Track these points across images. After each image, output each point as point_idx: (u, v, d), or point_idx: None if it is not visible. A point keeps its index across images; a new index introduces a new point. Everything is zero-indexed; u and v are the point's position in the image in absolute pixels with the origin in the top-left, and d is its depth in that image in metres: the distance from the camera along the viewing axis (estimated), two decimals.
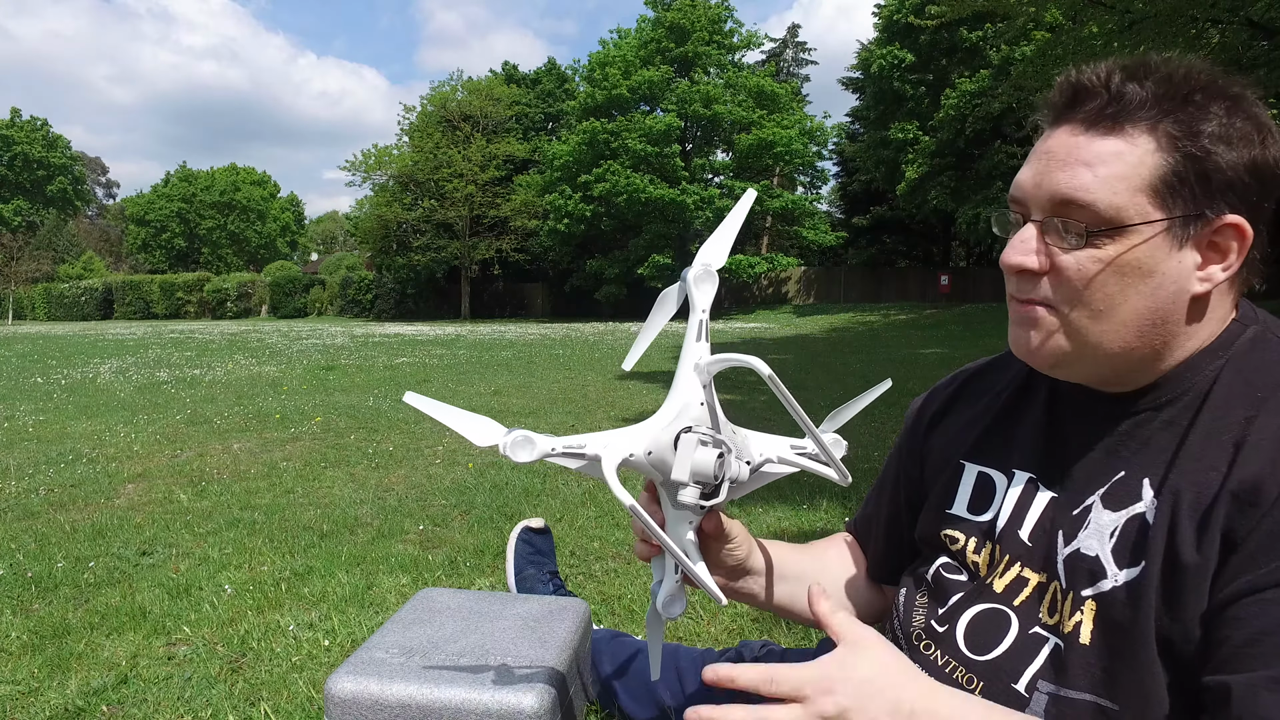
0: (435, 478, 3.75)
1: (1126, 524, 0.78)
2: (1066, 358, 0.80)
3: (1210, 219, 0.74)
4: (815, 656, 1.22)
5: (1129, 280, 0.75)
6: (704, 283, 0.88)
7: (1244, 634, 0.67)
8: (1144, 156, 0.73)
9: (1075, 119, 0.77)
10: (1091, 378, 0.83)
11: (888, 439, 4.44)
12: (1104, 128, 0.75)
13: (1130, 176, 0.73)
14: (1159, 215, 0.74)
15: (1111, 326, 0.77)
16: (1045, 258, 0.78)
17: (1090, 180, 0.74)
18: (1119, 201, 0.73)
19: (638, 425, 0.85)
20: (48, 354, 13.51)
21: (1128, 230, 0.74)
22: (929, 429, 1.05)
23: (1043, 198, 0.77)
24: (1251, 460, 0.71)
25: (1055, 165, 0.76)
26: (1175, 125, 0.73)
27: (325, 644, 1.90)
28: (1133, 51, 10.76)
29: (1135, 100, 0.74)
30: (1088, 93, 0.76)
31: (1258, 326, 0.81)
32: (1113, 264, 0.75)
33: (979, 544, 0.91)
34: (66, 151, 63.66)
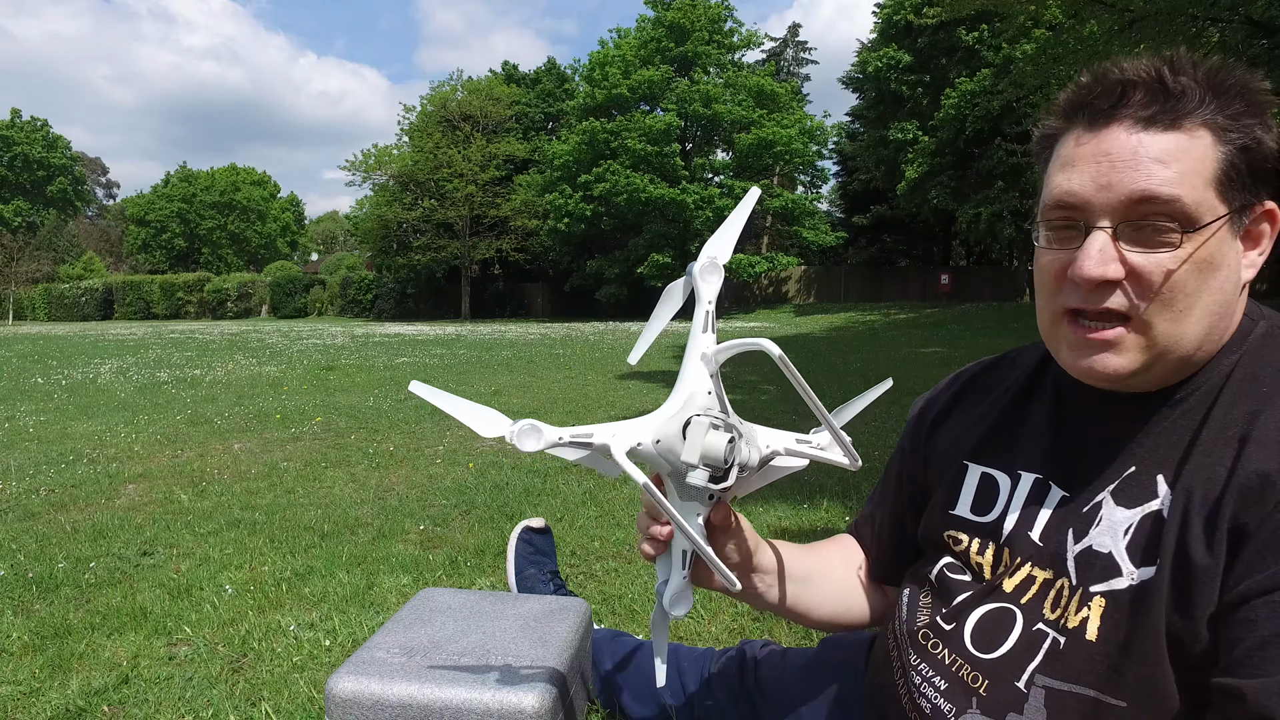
0: (436, 478, 3.76)
1: (1142, 521, 0.77)
2: (1143, 368, 0.77)
3: (1255, 207, 0.76)
4: (816, 656, 1.23)
5: (1204, 276, 0.74)
6: (710, 275, 0.89)
7: (1256, 636, 0.67)
8: (1206, 150, 0.74)
9: (1126, 118, 0.75)
10: (1149, 384, 0.80)
11: (889, 439, 4.44)
12: (1163, 124, 0.74)
13: (1200, 171, 0.73)
14: (1223, 209, 0.74)
15: (1189, 326, 0.76)
16: (1121, 265, 0.74)
17: (1170, 176, 0.72)
18: (1198, 196, 0.73)
19: (645, 416, 0.85)
20: (48, 354, 13.51)
21: (1203, 226, 0.73)
22: (931, 430, 1.05)
23: (1114, 200, 0.74)
24: (1257, 456, 0.71)
25: (1122, 166, 0.74)
26: (1226, 117, 0.74)
27: (326, 644, 1.90)
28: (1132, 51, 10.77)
29: (1191, 94, 0.74)
30: (1139, 89, 0.75)
31: (1266, 322, 0.81)
32: (1189, 261, 0.73)
33: (982, 545, 0.91)
34: (66, 152, 63.65)
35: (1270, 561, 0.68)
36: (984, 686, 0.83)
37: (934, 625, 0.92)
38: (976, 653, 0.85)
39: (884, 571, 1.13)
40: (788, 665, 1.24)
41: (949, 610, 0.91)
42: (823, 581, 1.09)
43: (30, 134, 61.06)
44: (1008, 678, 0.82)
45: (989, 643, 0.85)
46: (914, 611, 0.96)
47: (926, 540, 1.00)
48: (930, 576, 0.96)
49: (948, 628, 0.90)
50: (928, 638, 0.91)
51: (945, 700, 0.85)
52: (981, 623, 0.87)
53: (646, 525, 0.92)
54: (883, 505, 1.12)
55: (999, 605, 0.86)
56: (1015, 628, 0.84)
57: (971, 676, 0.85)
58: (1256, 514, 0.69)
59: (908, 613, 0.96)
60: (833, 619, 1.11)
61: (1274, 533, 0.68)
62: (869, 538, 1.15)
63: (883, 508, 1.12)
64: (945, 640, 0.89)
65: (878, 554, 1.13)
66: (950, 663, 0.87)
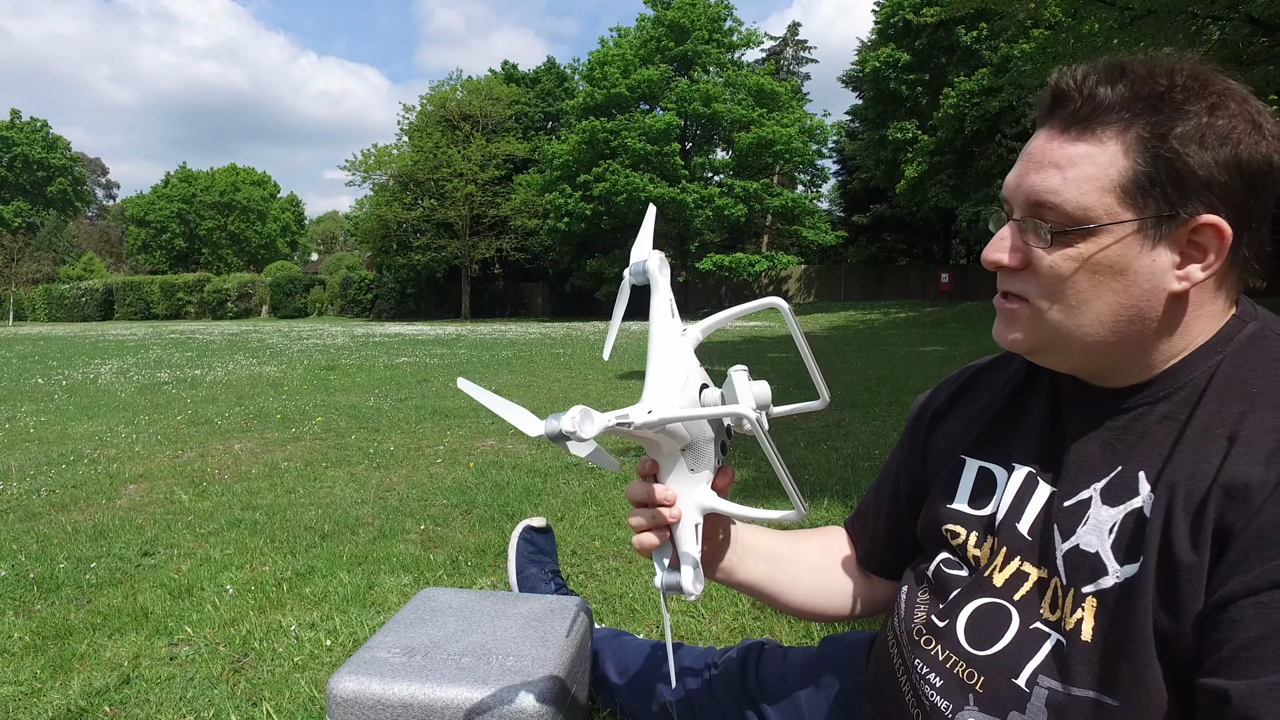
0: (436, 477, 3.76)
1: (1125, 519, 0.78)
2: (1042, 346, 0.84)
3: (1185, 219, 0.75)
4: (818, 655, 1.23)
5: (1100, 278, 0.77)
6: (664, 268, 0.96)
7: (1241, 637, 0.67)
8: (1113, 158, 0.75)
9: (1054, 122, 0.80)
10: (1076, 368, 0.86)
11: (889, 437, 4.44)
12: (1076, 131, 0.78)
13: (1099, 178, 0.76)
14: (1129, 216, 0.75)
15: (1085, 321, 0.79)
16: (1022, 255, 0.81)
17: (1059, 182, 0.77)
18: (1086, 202, 0.76)
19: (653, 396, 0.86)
20: (48, 355, 13.51)
21: (1098, 230, 0.76)
22: (931, 426, 1.06)
23: (1020, 198, 0.81)
24: (1243, 456, 0.72)
25: (1032, 167, 0.80)
26: (1146, 127, 0.75)
27: (327, 644, 1.90)
28: (1133, 48, 10.77)
29: (1106, 103, 0.76)
30: (1064, 96, 0.79)
31: (1256, 323, 0.81)
32: (1085, 263, 0.78)
33: (980, 538, 0.92)
34: (66, 152, 63.68)
35: (1255, 562, 0.68)
36: (980, 683, 0.83)
37: (929, 623, 0.92)
38: (971, 649, 0.86)
39: (874, 562, 1.14)
40: (789, 664, 1.24)
41: (944, 606, 0.91)
42: (794, 564, 1.10)
43: (30, 134, 61.08)
44: (1005, 675, 0.82)
45: (983, 639, 0.85)
46: (911, 609, 0.96)
47: (925, 535, 1.01)
48: (928, 573, 0.96)
49: (942, 625, 0.90)
50: (922, 634, 0.92)
51: (942, 698, 0.86)
52: (974, 618, 0.87)
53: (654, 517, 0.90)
54: (879, 498, 1.14)
55: (991, 600, 0.87)
56: (1011, 625, 0.84)
57: (967, 673, 0.85)
58: (1242, 514, 0.69)
59: (905, 610, 0.97)
60: (808, 604, 1.11)
61: (1259, 533, 0.68)
62: (862, 528, 1.16)
63: (879, 501, 1.13)
64: (940, 637, 0.90)
65: (872, 546, 1.14)
66: (945, 660, 0.88)
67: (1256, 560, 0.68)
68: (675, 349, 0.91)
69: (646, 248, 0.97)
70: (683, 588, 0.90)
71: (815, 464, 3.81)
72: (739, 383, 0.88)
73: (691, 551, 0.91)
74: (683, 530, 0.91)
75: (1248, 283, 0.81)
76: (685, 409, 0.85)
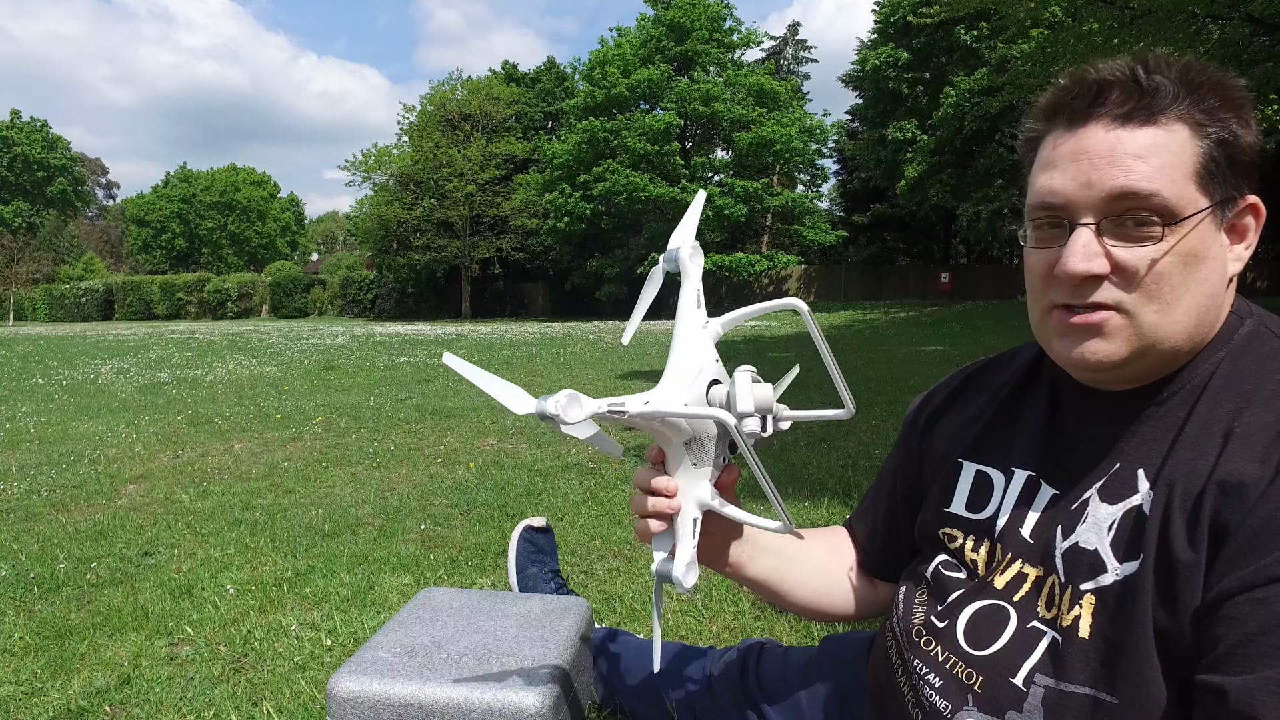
0: (437, 477, 3.76)
1: (1124, 516, 0.78)
2: (1134, 356, 0.78)
3: (1238, 200, 0.77)
4: (818, 655, 1.23)
5: (1189, 268, 0.75)
6: (697, 257, 0.94)
7: (1238, 634, 0.67)
8: (1184, 144, 0.75)
9: (1104, 116, 0.76)
10: (1137, 377, 0.82)
11: (889, 437, 4.44)
12: (1139, 120, 0.75)
13: (1179, 165, 0.75)
14: (1205, 201, 0.75)
15: (1177, 318, 0.77)
16: (1106, 259, 0.76)
17: (1148, 171, 0.74)
18: (1178, 190, 0.74)
19: (660, 387, 0.87)
20: (49, 355, 13.51)
21: (1186, 219, 0.75)
22: (927, 428, 1.06)
23: (1096, 197, 0.75)
24: (1238, 453, 0.72)
25: (1101, 163, 0.75)
26: (1201, 112, 0.75)
27: (327, 644, 1.91)
28: (1133, 48, 10.77)
29: (1165, 91, 0.75)
30: (1115, 88, 0.76)
31: (1253, 320, 0.82)
32: (1173, 253, 0.75)
33: (977, 542, 0.92)
34: (66, 152, 63.67)
35: (1252, 558, 0.68)
36: (979, 683, 0.83)
37: (928, 623, 0.92)
38: (970, 650, 0.86)
39: (875, 565, 1.14)
40: (789, 664, 1.25)
41: (943, 608, 0.91)
42: (803, 562, 1.10)
43: (30, 135, 61.08)
44: (1003, 675, 0.82)
45: (982, 640, 0.85)
46: (910, 609, 0.96)
47: (922, 538, 1.01)
48: (926, 574, 0.96)
49: (941, 625, 0.90)
50: (921, 635, 0.92)
51: (941, 698, 0.86)
52: (974, 619, 0.87)
53: (654, 505, 0.90)
54: (877, 500, 1.14)
55: (991, 602, 0.87)
56: (1009, 625, 0.84)
57: (966, 674, 0.85)
58: (1238, 510, 0.70)
59: (904, 610, 0.97)
60: (811, 603, 1.11)
61: (1255, 529, 0.68)
62: (862, 531, 1.16)
63: (877, 502, 1.14)
64: (939, 638, 0.90)
65: (870, 547, 1.14)
66: (944, 660, 0.88)
67: (1252, 556, 0.68)
68: (694, 341, 0.90)
69: (685, 235, 0.95)
70: (673, 577, 0.90)
71: (815, 464, 3.81)
72: (740, 384, 0.86)
73: (687, 545, 0.91)
74: (681, 522, 0.91)
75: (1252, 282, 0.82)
76: (677, 405, 0.84)
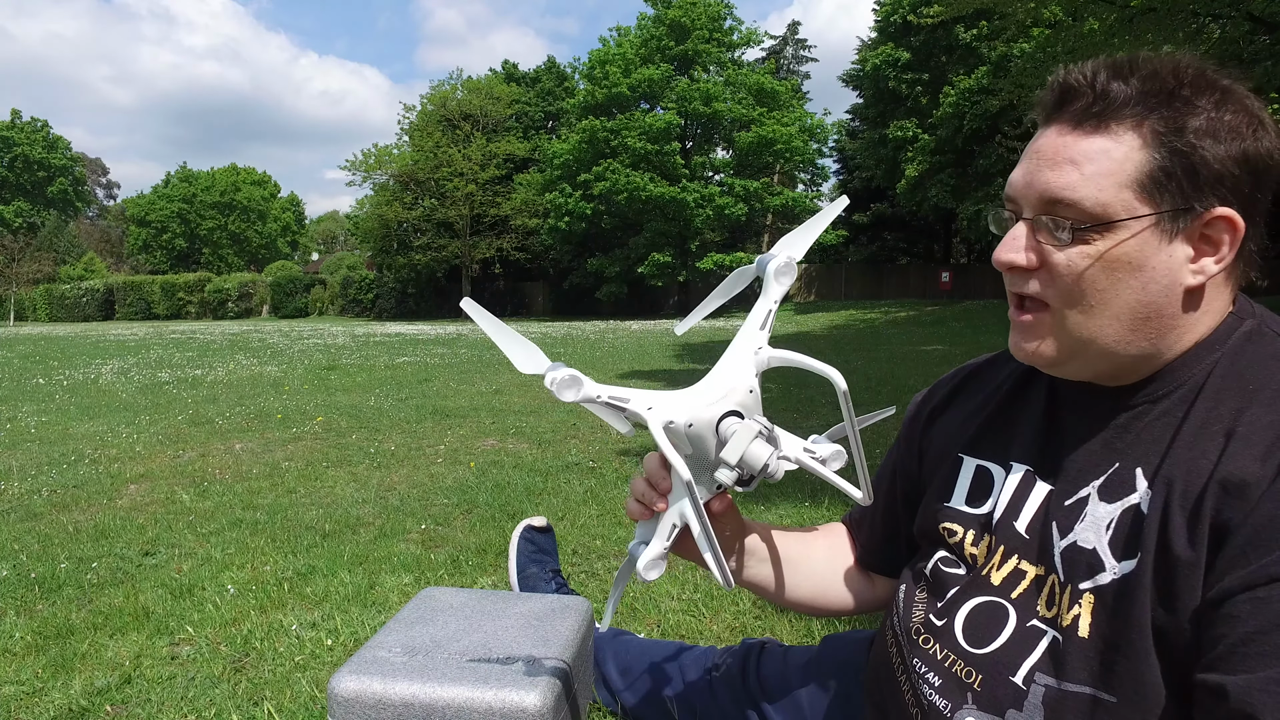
0: (437, 477, 3.76)
1: (1122, 515, 0.78)
2: (1063, 356, 0.82)
3: (1199, 212, 0.75)
4: (818, 654, 1.23)
5: (1119, 275, 0.76)
6: (784, 275, 0.90)
7: (1239, 632, 0.67)
8: (1129, 153, 0.75)
9: (1063, 118, 0.78)
10: (1093, 374, 0.84)
11: (889, 436, 4.43)
12: (1090, 126, 0.77)
13: (1116, 173, 0.75)
14: (1146, 210, 0.75)
15: (1105, 321, 0.78)
16: (1036, 255, 0.80)
17: (1076, 178, 0.76)
18: (1105, 198, 0.75)
19: (681, 393, 0.86)
20: (49, 355, 13.52)
21: (1115, 226, 0.75)
22: (928, 423, 1.07)
23: (1032, 196, 0.79)
24: (1240, 452, 0.72)
25: (1044, 164, 0.78)
26: (1160, 121, 0.75)
27: (328, 643, 1.91)
28: (1133, 47, 10.76)
29: (1120, 98, 0.76)
30: (1074, 92, 0.78)
31: (1254, 320, 0.81)
32: (1102, 259, 0.76)
33: (977, 536, 0.92)
34: (67, 153, 63.68)
35: (1253, 557, 0.68)
36: (978, 682, 0.83)
37: (927, 622, 0.92)
38: (969, 648, 0.86)
39: (873, 561, 1.15)
40: (789, 663, 1.25)
41: (942, 605, 0.91)
42: (802, 566, 1.12)
43: (30, 135, 61.09)
44: (1002, 673, 0.82)
45: (981, 637, 0.85)
46: (909, 608, 0.96)
47: (922, 533, 1.01)
48: (926, 571, 0.96)
49: (940, 623, 0.90)
50: (920, 633, 0.92)
51: (941, 697, 0.86)
52: (972, 617, 0.87)
53: (644, 495, 0.94)
54: (878, 495, 1.13)
55: (989, 599, 0.87)
56: (1009, 623, 0.84)
57: (965, 672, 0.85)
58: (1239, 509, 0.70)
59: (904, 609, 0.97)
60: (810, 601, 1.13)
61: (1256, 529, 0.68)
62: (861, 527, 1.17)
63: (878, 497, 1.13)
64: (938, 636, 0.90)
65: (869, 544, 1.15)
66: (944, 659, 0.88)
67: (1253, 555, 0.68)
68: (737, 363, 0.88)
69: (790, 245, 0.92)
70: (636, 567, 0.91)
71: None
72: (741, 434, 0.84)
73: (659, 543, 0.91)
74: (662, 521, 0.92)
75: (1249, 278, 0.81)
76: (682, 419, 0.84)
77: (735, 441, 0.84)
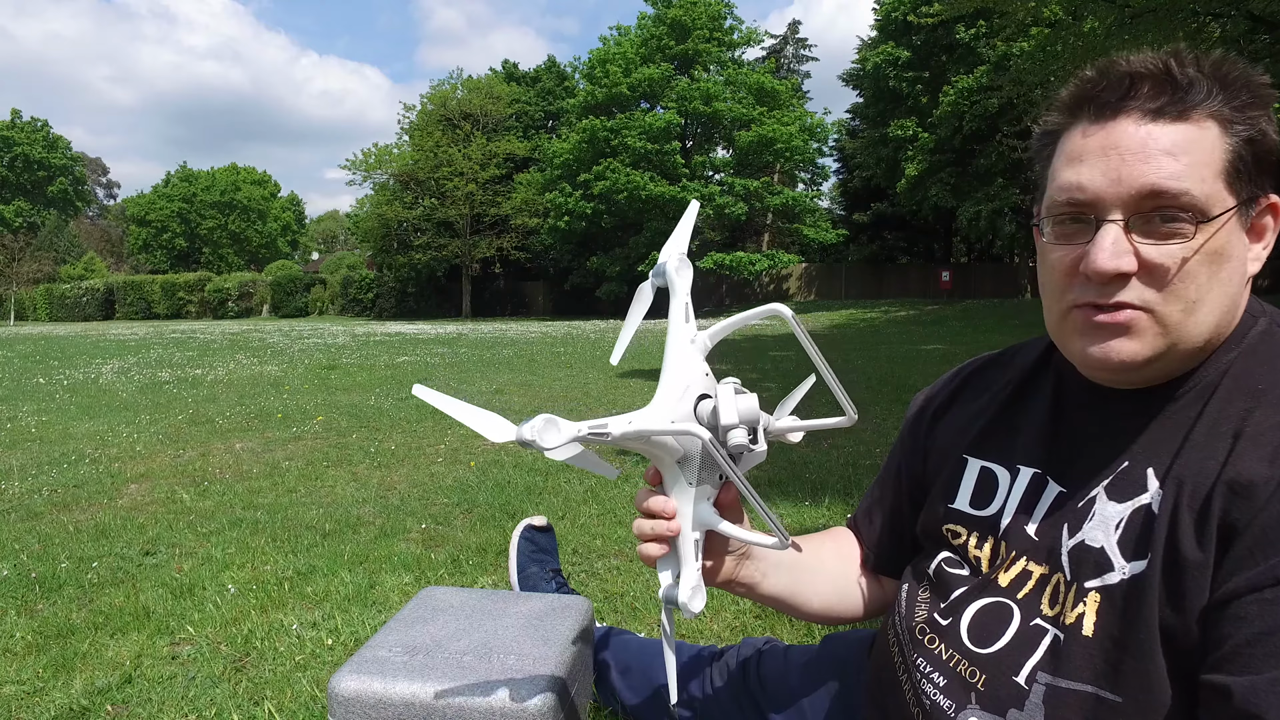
0: (437, 476, 3.76)
1: (1132, 515, 0.78)
2: (1155, 358, 0.77)
3: (1260, 200, 0.76)
4: (819, 653, 1.23)
5: (1214, 268, 0.74)
6: (684, 270, 0.91)
7: (1245, 633, 0.66)
8: (1215, 141, 0.74)
9: (1135, 110, 0.74)
10: (1155, 378, 0.80)
11: (890, 436, 4.44)
12: (1171, 116, 0.74)
13: (1210, 162, 0.73)
14: (1233, 200, 0.74)
15: (1201, 318, 0.75)
16: (1134, 257, 0.74)
17: (1180, 169, 0.72)
18: (1207, 189, 0.73)
19: (647, 407, 0.85)
20: (50, 354, 13.52)
21: (1214, 218, 0.73)
22: (931, 424, 1.06)
23: (1126, 194, 0.74)
24: (1248, 453, 0.71)
25: (1132, 159, 0.73)
26: (1232, 109, 0.74)
27: (329, 643, 1.91)
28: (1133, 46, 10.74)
29: (1199, 86, 0.74)
30: (1147, 81, 0.75)
31: (1266, 319, 0.81)
32: (1201, 252, 0.73)
33: (980, 539, 0.91)
34: (67, 152, 63.64)
35: (1260, 558, 0.68)
36: (981, 681, 0.83)
37: (931, 621, 0.92)
38: (973, 647, 0.85)
39: (881, 562, 1.13)
40: (790, 663, 1.24)
41: (946, 605, 0.91)
42: (816, 574, 1.09)
43: (30, 134, 61.06)
44: (1005, 673, 0.82)
45: (985, 637, 0.85)
46: (912, 607, 0.96)
47: (925, 534, 1.00)
48: (929, 571, 0.96)
49: (944, 623, 0.90)
50: (924, 633, 0.92)
51: (944, 696, 0.85)
52: (978, 617, 0.87)
53: (653, 527, 0.89)
54: (881, 498, 1.13)
55: (995, 600, 0.87)
56: (1013, 623, 0.84)
57: (969, 672, 0.85)
58: (1246, 510, 0.69)
59: (906, 608, 0.97)
60: (825, 611, 1.10)
61: (1264, 529, 0.68)
62: (867, 530, 1.15)
63: (881, 500, 1.13)
64: (942, 636, 0.89)
65: (875, 546, 1.13)
66: (948, 658, 0.87)
67: (1260, 556, 0.67)
68: (682, 357, 0.88)
69: (674, 248, 0.92)
70: (679, 603, 0.87)
71: (817, 463, 3.81)
72: (724, 397, 0.84)
73: (690, 568, 0.88)
74: (683, 545, 0.89)
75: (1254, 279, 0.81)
76: (663, 422, 0.82)
77: (724, 404, 0.84)
